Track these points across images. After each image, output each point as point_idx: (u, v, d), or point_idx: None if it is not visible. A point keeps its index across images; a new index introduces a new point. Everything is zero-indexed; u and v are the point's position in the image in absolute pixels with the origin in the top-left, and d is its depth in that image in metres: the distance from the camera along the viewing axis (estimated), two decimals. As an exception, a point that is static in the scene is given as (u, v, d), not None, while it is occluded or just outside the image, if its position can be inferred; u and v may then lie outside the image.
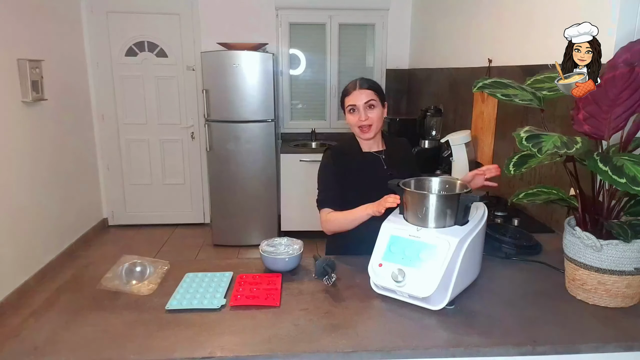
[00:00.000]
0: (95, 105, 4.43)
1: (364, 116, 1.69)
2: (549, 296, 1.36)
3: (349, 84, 1.75)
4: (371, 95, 1.69)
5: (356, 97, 1.69)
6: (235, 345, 1.12)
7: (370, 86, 1.71)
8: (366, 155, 1.79)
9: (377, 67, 4.67)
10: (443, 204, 1.33)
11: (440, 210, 1.33)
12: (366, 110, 1.69)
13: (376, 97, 1.70)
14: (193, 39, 4.38)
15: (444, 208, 1.33)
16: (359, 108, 1.69)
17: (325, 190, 1.75)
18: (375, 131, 1.74)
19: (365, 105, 1.69)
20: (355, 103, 1.69)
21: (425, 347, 1.12)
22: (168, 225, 4.73)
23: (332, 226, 1.70)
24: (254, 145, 4.06)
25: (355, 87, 1.71)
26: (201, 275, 1.47)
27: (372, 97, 1.69)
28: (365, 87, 1.70)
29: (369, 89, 1.70)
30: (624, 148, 1.27)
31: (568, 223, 1.37)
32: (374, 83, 1.74)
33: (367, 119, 1.69)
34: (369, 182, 1.72)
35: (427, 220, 1.34)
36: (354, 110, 1.71)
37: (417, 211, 1.36)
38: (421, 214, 1.34)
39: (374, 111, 1.70)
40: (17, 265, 3.24)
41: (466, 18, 3.10)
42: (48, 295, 1.38)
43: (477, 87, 1.38)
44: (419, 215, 1.35)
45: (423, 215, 1.34)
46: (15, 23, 3.24)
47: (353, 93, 1.70)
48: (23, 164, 3.32)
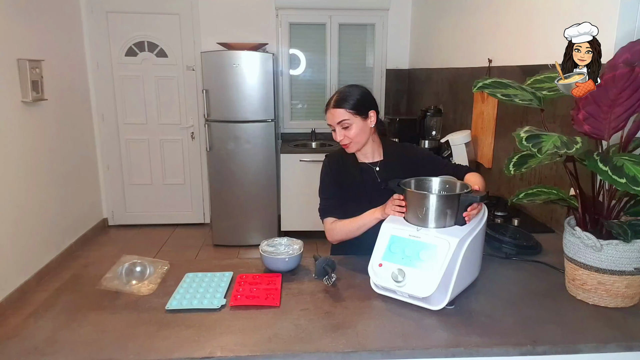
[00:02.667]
0: (95, 105, 4.43)
1: (340, 136, 1.65)
2: (549, 296, 1.36)
3: (329, 99, 1.69)
4: (343, 114, 1.62)
5: (330, 117, 1.65)
6: (235, 345, 1.12)
7: (343, 105, 1.62)
8: (361, 165, 1.74)
9: (377, 67, 4.67)
10: (443, 204, 1.33)
11: (440, 211, 1.33)
12: (341, 130, 1.64)
13: (350, 114, 1.62)
14: (193, 39, 4.38)
15: (444, 208, 1.33)
16: (335, 127, 1.66)
17: (326, 199, 1.73)
18: (358, 146, 1.68)
19: (339, 124, 1.64)
20: (330, 123, 1.66)
21: (425, 347, 1.12)
22: (168, 225, 4.72)
23: (337, 235, 1.66)
24: (254, 145, 4.06)
25: (329, 106, 1.66)
26: (201, 275, 1.47)
27: (344, 117, 1.62)
28: (337, 107, 1.63)
29: (342, 108, 1.62)
30: (624, 148, 1.27)
31: (568, 223, 1.37)
32: (349, 98, 1.63)
33: (343, 138, 1.65)
34: (363, 193, 1.70)
35: (427, 221, 1.34)
36: (333, 129, 1.67)
37: (417, 211, 1.36)
38: (421, 214, 1.34)
39: (350, 130, 1.63)
40: (17, 265, 3.24)
41: (466, 18, 3.10)
42: (48, 295, 1.38)
43: (477, 87, 1.38)
44: (419, 215, 1.35)
45: (423, 215, 1.34)
46: (15, 23, 3.24)
47: (327, 113, 1.66)
48: (23, 164, 3.32)
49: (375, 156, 1.76)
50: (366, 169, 1.74)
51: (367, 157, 1.75)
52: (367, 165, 1.74)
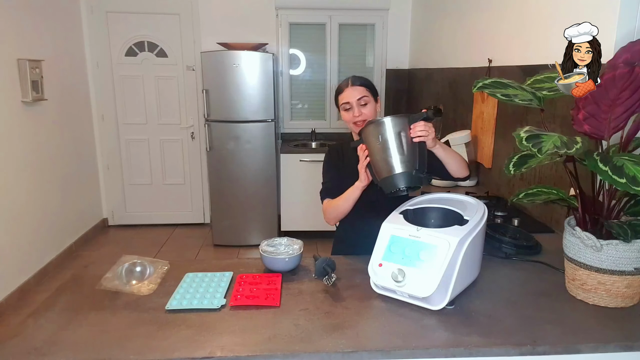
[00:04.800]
0: (95, 105, 4.43)
1: (357, 112, 1.71)
2: (549, 296, 1.36)
3: (341, 82, 1.79)
4: (363, 91, 1.72)
5: (349, 95, 1.72)
6: (235, 345, 1.12)
7: (363, 83, 1.75)
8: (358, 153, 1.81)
9: (377, 67, 4.67)
10: (394, 126, 1.43)
11: (394, 135, 1.44)
12: (359, 106, 1.72)
13: (369, 93, 1.74)
14: (193, 39, 4.38)
15: (397, 131, 1.44)
16: (353, 105, 1.72)
17: (325, 183, 1.84)
18: None
19: (358, 102, 1.72)
20: (349, 100, 1.72)
21: (425, 347, 1.12)
22: (168, 225, 4.73)
23: (330, 213, 1.76)
24: (254, 145, 4.06)
25: (347, 85, 1.74)
26: (201, 275, 1.47)
27: (364, 94, 1.72)
28: (357, 84, 1.73)
29: (361, 86, 1.73)
30: (624, 148, 1.27)
31: (568, 223, 1.37)
32: (365, 80, 1.78)
33: (360, 115, 1.72)
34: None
35: (387, 150, 1.45)
36: (348, 108, 1.74)
37: (376, 146, 1.48)
38: (381, 144, 1.45)
39: (367, 107, 1.73)
40: (17, 265, 3.24)
41: (466, 18, 3.10)
42: (48, 295, 1.38)
43: (477, 87, 1.38)
44: (379, 145, 1.46)
45: (382, 144, 1.45)
46: (15, 23, 3.24)
47: (346, 90, 1.74)
48: (23, 164, 3.32)
49: None
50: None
51: None
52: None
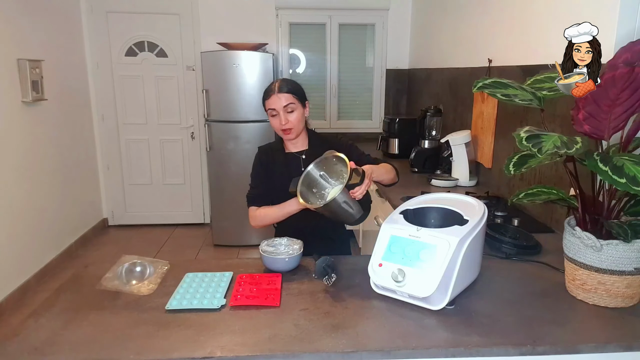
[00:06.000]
0: (95, 105, 4.43)
1: (284, 120, 1.70)
2: (549, 296, 1.36)
3: (269, 86, 1.76)
4: (290, 98, 1.70)
5: (275, 102, 1.70)
6: (235, 345, 1.12)
7: (290, 89, 1.72)
8: (288, 155, 1.83)
9: (377, 67, 4.67)
10: (340, 198, 1.46)
11: (338, 208, 1.49)
12: (286, 114, 1.70)
13: (295, 100, 1.71)
14: (193, 39, 4.38)
15: (343, 200, 1.47)
16: (279, 112, 1.70)
17: (253, 188, 1.84)
18: (297, 132, 1.76)
19: (285, 109, 1.70)
20: (274, 107, 1.71)
21: (425, 347, 1.12)
22: (168, 225, 4.73)
23: (261, 220, 1.78)
24: (254, 145, 4.00)
25: (274, 91, 1.71)
26: (201, 275, 1.47)
27: (290, 101, 1.70)
28: (283, 91, 1.70)
29: (288, 93, 1.70)
30: (624, 148, 1.27)
31: (568, 223, 1.37)
32: (293, 85, 1.75)
33: (287, 123, 1.71)
34: (289, 181, 1.74)
35: (338, 216, 1.53)
36: (274, 114, 1.72)
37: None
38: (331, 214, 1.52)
39: (293, 114, 1.71)
40: (17, 265, 3.24)
41: (466, 18, 3.09)
42: (48, 295, 1.38)
43: (477, 87, 1.38)
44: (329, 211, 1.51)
45: (332, 211, 1.50)
46: (15, 23, 3.24)
47: (272, 97, 1.71)
48: (23, 164, 3.32)
49: (303, 146, 1.85)
50: (292, 158, 1.82)
51: (296, 146, 1.84)
52: (293, 155, 1.83)
